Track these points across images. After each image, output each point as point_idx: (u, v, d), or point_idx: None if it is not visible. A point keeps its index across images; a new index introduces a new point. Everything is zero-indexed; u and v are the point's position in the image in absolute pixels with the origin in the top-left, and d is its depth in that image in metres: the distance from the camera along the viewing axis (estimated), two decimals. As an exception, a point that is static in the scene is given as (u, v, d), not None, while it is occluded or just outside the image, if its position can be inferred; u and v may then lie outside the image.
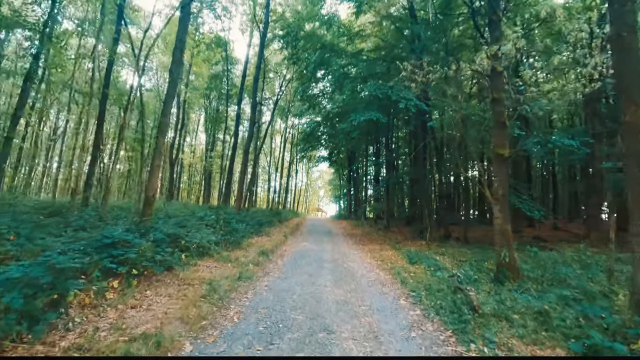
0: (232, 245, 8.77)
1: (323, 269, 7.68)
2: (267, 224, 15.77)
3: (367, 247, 12.87)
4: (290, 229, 17.29)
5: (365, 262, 9.43)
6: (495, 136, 7.49)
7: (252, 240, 10.59)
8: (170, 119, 9.07)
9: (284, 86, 21.45)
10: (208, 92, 22.24)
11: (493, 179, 7.29)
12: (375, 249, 12.04)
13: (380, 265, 9.07)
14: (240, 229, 10.42)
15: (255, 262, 7.39)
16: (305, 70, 17.90)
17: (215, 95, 20.99)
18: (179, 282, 5.01)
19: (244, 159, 14.90)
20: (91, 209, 9.21)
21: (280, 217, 20.79)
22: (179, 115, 20.72)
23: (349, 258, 9.96)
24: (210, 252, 7.19)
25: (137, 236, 5.95)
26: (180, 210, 11.62)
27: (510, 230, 7.14)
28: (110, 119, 25.05)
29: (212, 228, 9.13)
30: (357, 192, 35.85)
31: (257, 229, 12.82)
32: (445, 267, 8.59)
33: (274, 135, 37.82)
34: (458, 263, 9.88)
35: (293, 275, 6.74)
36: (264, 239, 11.75)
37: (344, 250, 11.73)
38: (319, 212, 74.23)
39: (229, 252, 7.99)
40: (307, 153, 32.01)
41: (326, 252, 10.81)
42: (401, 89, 13.09)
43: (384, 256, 10.38)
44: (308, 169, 61.95)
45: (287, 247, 11.02)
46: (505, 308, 4.64)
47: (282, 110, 32.44)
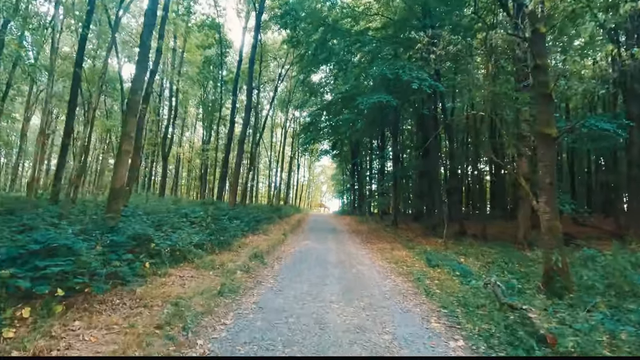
0: (219, 247, 7.45)
1: (328, 276, 6.34)
2: (266, 220, 14.45)
3: (376, 246, 11.52)
4: (291, 226, 15.96)
5: (377, 265, 8.08)
6: (540, 112, 6.06)
7: (245, 240, 9.27)
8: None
9: (284, 72, 19.94)
10: (205, 82, 20.86)
11: (539, 165, 5.89)
12: (386, 249, 10.69)
13: (395, 268, 7.72)
14: (232, 227, 9.09)
15: (245, 268, 6.05)
16: (306, 54, 16.44)
17: (212, 86, 19.57)
18: (133, 304, 3.68)
19: (239, 149, 13.55)
20: (58, 206, 7.90)
21: (280, 213, 19.48)
22: (171, 106, 19.36)
23: (357, 260, 8.62)
24: (189, 256, 5.86)
25: (93, 238, 4.64)
26: (167, 206, 10.31)
27: (560, 227, 5.76)
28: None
29: (197, 226, 7.80)
30: (361, 186, 34.47)
31: (254, 226, 11.50)
32: (471, 270, 7.23)
33: (274, 129, 36.42)
34: (484, 265, 8.52)
35: (291, 285, 5.40)
36: (261, 237, 10.43)
37: (351, 250, 10.39)
38: (322, 207, 72.99)
39: (215, 256, 6.66)
40: (309, 146, 30.57)
41: (331, 252, 9.47)
42: (413, 68, 11.66)
43: (397, 257, 9.03)
44: (310, 164, 60.59)
45: (286, 247, 9.69)
46: (590, 341, 3.25)
47: (282, 102, 31.03)
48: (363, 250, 10.59)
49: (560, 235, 5.78)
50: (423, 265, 8.03)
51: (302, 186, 60.05)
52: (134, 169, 8.84)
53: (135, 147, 8.77)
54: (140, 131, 8.78)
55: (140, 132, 8.82)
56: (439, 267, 7.63)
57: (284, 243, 10.46)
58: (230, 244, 7.93)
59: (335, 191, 59.79)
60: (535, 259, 9.50)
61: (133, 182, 9.01)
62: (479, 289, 5.51)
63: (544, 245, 5.87)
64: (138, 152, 8.75)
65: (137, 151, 8.74)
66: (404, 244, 11.68)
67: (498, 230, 15.82)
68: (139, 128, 8.77)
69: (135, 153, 8.74)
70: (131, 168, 8.85)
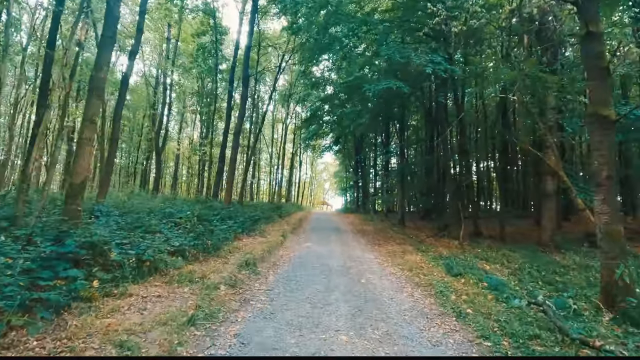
0: (205, 253, 6.37)
1: (332, 290, 5.25)
2: (264, 220, 13.38)
3: (384, 248, 10.42)
4: (291, 225, 14.88)
5: (389, 273, 6.98)
6: (595, 89, 4.91)
7: (238, 243, 8.18)
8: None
9: (284, 64, 18.78)
10: (200, 73, 19.71)
11: (593, 155, 4.75)
12: (396, 252, 9.59)
13: (410, 277, 6.62)
14: (223, 229, 8.02)
15: (232, 280, 4.97)
16: (307, 41, 15.28)
17: (207, 76, 18.40)
18: (53, 347, 2.58)
19: (234, 142, 12.44)
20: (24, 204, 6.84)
21: (280, 211, 18.40)
22: (165, 100, 18.29)
23: (366, 266, 7.52)
24: (163, 267, 4.78)
25: (32, 250, 3.57)
26: (152, 205, 9.24)
27: (622, 232, 4.63)
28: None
29: (181, 229, 6.72)
30: (365, 184, 33.34)
31: (249, 227, 10.42)
32: (503, 281, 6.11)
33: (275, 124, 35.32)
34: (513, 273, 7.40)
35: (287, 305, 4.32)
36: (256, 240, 9.35)
37: (357, 253, 9.29)
38: (325, 205, 71.98)
39: (197, 265, 5.58)
40: (311, 142, 29.49)
41: (335, 256, 8.38)
42: (426, 51, 10.50)
43: (410, 262, 7.91)
44: (313, 161, 59.49)
45: (284, 251, 8.61)
46: None
47: (283, 97, 29.90)
48: (370, 253, 9.49)
49: (624, 242, 4.66)
50: (442, 273, 6.91)
51: (305, 184, 58.99)
52: (110, 163, 7.78)
53: (112, 138, 7.72)
54: (117, 120, 7.70)
55: (118, 121, 7.74)
56: (462, 276, 6.51)
57: (283, 246, 9.38)
58: (218, 249, 6.85)
59: (338, 188, 58.71)
60: (569, 265, 8.38)
61: (109, 177, 7.94)
62: (522, 309, 4.40)
63: (602, 253, 4.74)
64: (114, 144, 7.68)
65: (113, 143, 7.66)
66: (416, 246, 10.57)
67: (515, 231, 14.66)
68: (116, 116, 7.70)
69: (111, 145, 7.66)
70: (108, 161, 7.79)
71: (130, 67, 7.87)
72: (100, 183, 7.72)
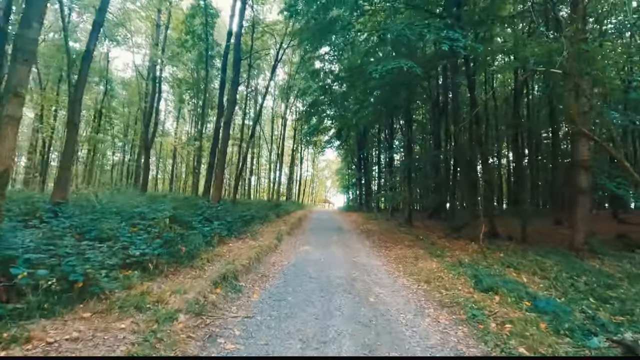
0: (177, 263, 5.13)
1: (333, 315, 4.00)
2: (259, 219, 12.15)
3: (393, 252, 9.16)
4: (289, 225, 13.63)
5: (402, 286, 5.73)
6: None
7: (222, 249, 6.94)
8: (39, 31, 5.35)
9: (282, 53, 17.45)
10: (192, 62, 18.45)
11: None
12: (407, 257, 8.33)
13: (430, 292, 5.36)
14: (206, 232, 6.78)
15: (199, 305, 3.72)
16: (307, 24, 13.97)
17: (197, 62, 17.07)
18: None
19: (224, 134, 11.17)
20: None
21: (278, 210, 17.17)
22: (155, 90, 17.03)
23: (373, 276, 6.27)
24: (99, 289, 3.51)
25: None
26: (125, 203, 7.99)
27: None
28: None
29: (152, 233, 5.48)
30: (368, 181, 32.07)
31: (239, 228, 9.19)
32: (553, 302, 4.84)
33: (275, 119, 34.05)
34: (552, 284, 6.11)
35: (268, 345, 3.07)
36: (246, 243, 8.10)
37: (362, 258, 8.04)
38: (326, 203, 70.87)
39: (158, 282, 4.35)
40: (312, 137, 28.16)
41: (336, 263, 7.13)
42: (440, 27, 9.18)
43: (425, 271, 6.66)
44: (314, 158, 58.24)
45: (277, 257, 7.36)
46: None
47: (282, 90, 28.61)
48: (378, 259, 8.23)
49: None
50: (468, 286, 5.65)
51: (306, 181, 57.78)
52: (68, 154, 6.54)
53: (70, 122, 6.48)
54: (78, 102, 6.45)
55: (79, 103, 6.48)
56: (494, 291, 5.24)
57: (276, 251, 8.13)
58: (194, 258, 5.61)
59: (340, 186, 57.48)
60: (615, 274, 7.11)
61: (67, 170, 6.71)
62: (601, 349, 3.15)
63: None
64: (72, 130, 6.43)
65: (71, 129, 6.42)
66: (428, 250, 9.30)
67: (533, 231, 13.31)
68: (76, 98, 6.45)
69: (70, 132, 6.42)
70: (66, 151, 6.57)
71: (93, 39, 6.62)
72: (57, 178, 6.49)
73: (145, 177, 16.69)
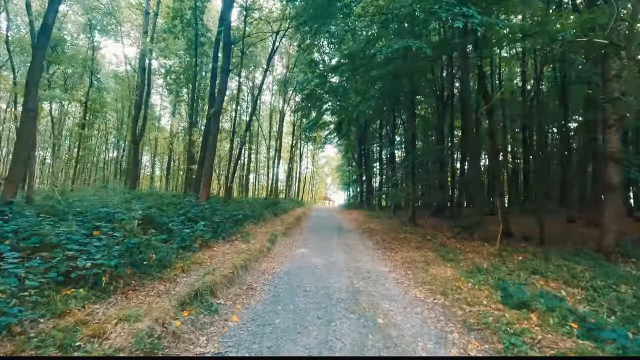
0: (143, 275, 4.21)
1: (332, 346, 3.08)
2: (252, 219, 11.21)
3: (399, 255, 8.23)
4: (286, 224, 12.71)
5: (415, 300, 4.81)
6: None
7: (204, 254, 6.01)
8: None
9: (279, 41, 16.42)
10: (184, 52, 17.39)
11: None
12: (416, 260, 7.41)
13: (450, 309, 4.44)
14: (183, 236, 5.84)
15: (148, 342, 2.78)
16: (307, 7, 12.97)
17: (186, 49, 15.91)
18: None
19: (214, 126, 10.18)
20: None
21: (276, 208, 16.23)
22: (144, 81, 16.05)
23: (380, 286, 5.35)
24: (3, 322, 2.57)
25: None
26: (97, 201, 7.07)
27: None
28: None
29: (111, 237, 4.53)
30: (369, 177, 31.09)
31: (228, 229, 8.25)
32: (599, 317, 3.93)
33: (273, 115, 33.07)
34: (589, 296, 5.18)
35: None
36: (235, 247, 7.17)
37: (366, 263, 7.12)
38: (327, 200, 70.02)
39: (107, 302, 3.42)
40: (311, 132, 27.21)
41: (337, 270, 6.20)
42: (454, 3, 8.20)
43: (440, 279, 5.73)
44: (314, 155, 57.27)
45: (268, 264, 6.43)
46: None
47: (280, 84, 27.57)
48: (383, 264, 7.31)
49: None
50: (494, 299, 4.73)
51: (305, 178, 56.82)
52: (22, 146, 5.58)
53: (24, 109, 5.53)
54: (34, 85, 5.49)
55: (35, 87, 5.52)
56: (528, 307, 4.32)
57: (269, 255, 7.20)
58: (166, 267, 4.68)
59: (340, 183, 56.61)
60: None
61: (20, 165, 5.76)
62: None
63: None
64: (29, 119, 5.46)
65: (26, 116, 5.44)
66: (438, 252, 8.36)
67: (550, 230, 12.41)
68: (31, 81, 5.49)
69: (26, 120, 5.45)
70: (18, 143, 5.61)
71: (52, 11, 5.66)
72: (9, 174, 5.55)
73: (135, 173, 15.75)
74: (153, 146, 32.38)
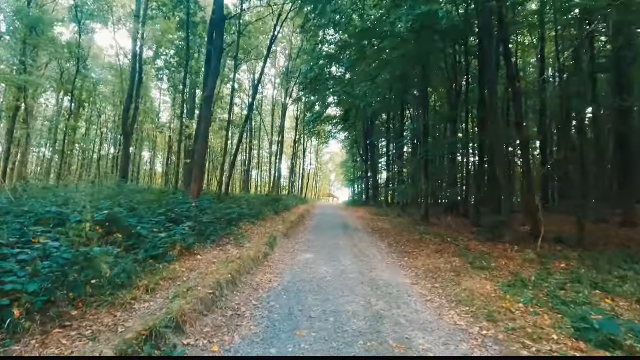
0: (86, 300, 3.03)
1: None
2: (250, 218, 10.03)
3: (419, 261, 7.00)
4: (288, 224, 11.52)
5: (455, 331, 3.57)
6: None
7: (181, 265, 4.82)
8: None
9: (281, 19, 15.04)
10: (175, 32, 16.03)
11: None
12: (442, 269, 6.19)
13: (505, 346, 3.21)
14: (155, 243, 4.65)
15: None
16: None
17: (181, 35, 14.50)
18: None
19: (204, 112, 8.93)
20: None
21: (277, 206, 15.04)
22: (135, 68, 14.86)
23: (405, 307, 4.14)
24: None
25: None
26: (60, 197, 5.92)
27: None
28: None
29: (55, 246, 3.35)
30: (375, 174, 29.83)
31: (221, 230, 7.06)
32: None
33: (275, 108, 31.85)
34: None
35: None
36: (225, 252, 5.99)
37: (383, 273, 5.90)
38: (331, 197, 68.87)
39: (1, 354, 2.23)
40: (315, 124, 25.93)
41: (349, 284, 4.99)
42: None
43: (479, 297, 4.50)
44: (317, 151, 56.04)
45: (263, 275, 5.23)
46: None
47: (282, 75, 26.33)
48: (403, 273, 6.09)
49: None
50: (561, 327, 3.50)
51: (309, 175, 55.63)
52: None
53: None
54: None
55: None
56: (620, 347, 3.10)
57: (265, 263, 6.00)
58: (122, 287, 3.49)
59: (345, 180, 55.35)
60: None
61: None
62: None
63: None
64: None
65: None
66: (465, 258, 7.13)
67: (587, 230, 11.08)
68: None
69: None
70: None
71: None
72: None
73: (126, 168, 14.63)
74: (151, 142, 31.33)
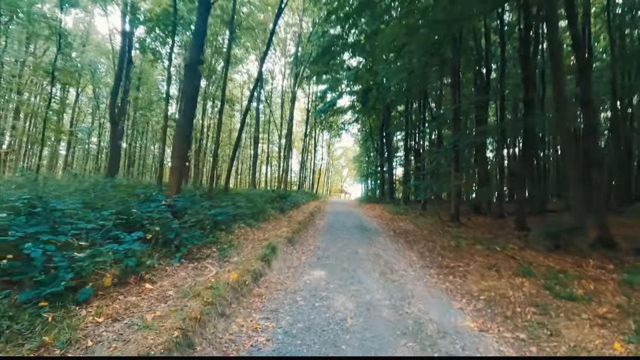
0: None
1: None
2: (247, 219, 8.21)
3: (472, 283, 5.02)
4: (295, 224, 9.66)
5: None
6: None
7: (108, 304, 2.99)
8: None
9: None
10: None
11: None
12: (511, 299, 4.21)
13: None
14: (60, 272, 2.84)
15: None
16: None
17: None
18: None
19: (188, 85, 6.99)
20: None
21: (283, 203, 13.20)
22: (124, 47, 13.17)
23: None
24: None
25: None
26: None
27: None
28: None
29: None
30: (391, 167, 27.66)
31: (200, 238, 5.23)
32: None
33: (285, 96, 29.98)
34: None
35: None
36: (197, 273, 4.15)
37: (429, 307, 3.93)
38: (343, 193, 66.72)
39: None
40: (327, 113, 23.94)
41: (386, 335, 3.04)
42: None
43: None
44: (329, 144, 54.01)
45: (246, 318, 3.36)
46: None
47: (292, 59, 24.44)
48: (457, 307, 4.13)
49: None
50: None
51: (320, 170, 53.69)
52: None
53: None
54: None
55: None
56: None
57: (254, 291, 4.12)
58: None
59: (358, 175, 53.09)
60: None
61: None
62: None
63: None
64: None
65: None
66: (534, 279, 5.10)
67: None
68: None
69: None
70: None
71: None
72: None
73: (114, 160, 13.04)
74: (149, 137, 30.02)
